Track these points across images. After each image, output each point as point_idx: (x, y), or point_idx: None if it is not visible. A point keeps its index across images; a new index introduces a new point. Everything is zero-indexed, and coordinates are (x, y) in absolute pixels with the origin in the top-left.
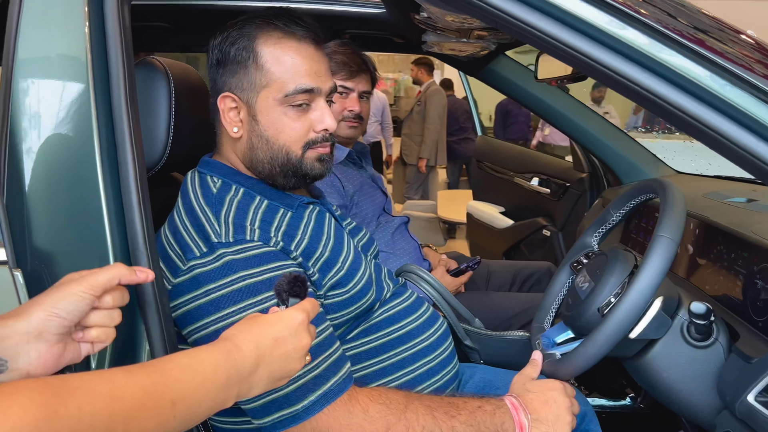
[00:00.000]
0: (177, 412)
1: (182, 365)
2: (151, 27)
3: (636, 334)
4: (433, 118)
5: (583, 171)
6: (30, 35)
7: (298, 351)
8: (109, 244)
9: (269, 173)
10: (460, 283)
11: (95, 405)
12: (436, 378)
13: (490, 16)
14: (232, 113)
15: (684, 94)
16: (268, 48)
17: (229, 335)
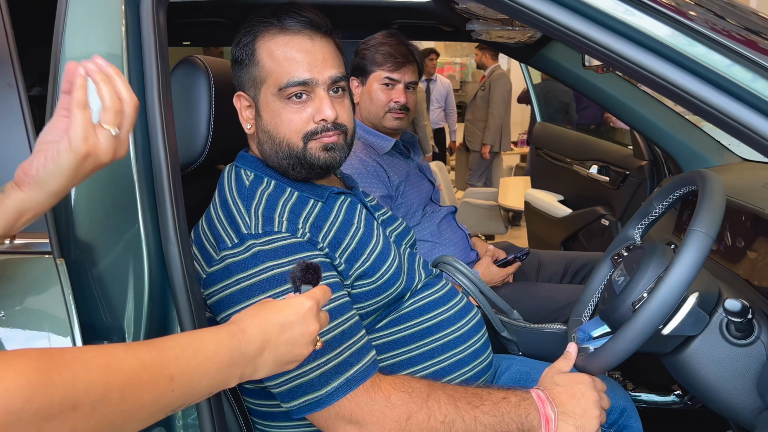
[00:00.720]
0: (175, 387)
1: (183, 344)
2: (207, 22)
3: (669, 330)
4: (498, 103)
5: (643, 158)
6: (74, 36)
7: (305, 336)
8: (143, 235)
9: (279, 166)
10: (507, 274)
11: (90, 374)
12: (466, 369)
13: (512, 11)
14: (247, 111)
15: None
16: (264, 44)
17: (237, 319)
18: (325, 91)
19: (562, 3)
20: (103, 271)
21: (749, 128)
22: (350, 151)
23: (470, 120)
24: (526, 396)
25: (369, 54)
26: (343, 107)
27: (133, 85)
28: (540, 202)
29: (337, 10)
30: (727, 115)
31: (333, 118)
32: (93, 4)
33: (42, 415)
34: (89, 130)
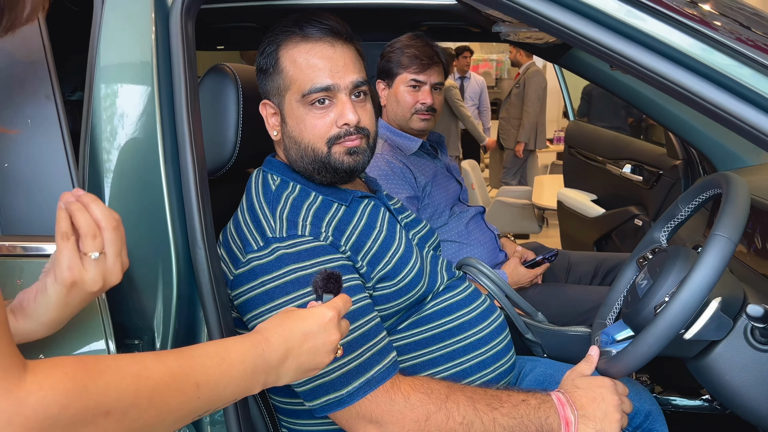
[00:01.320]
0: (201, 393)
1: (210, 352)
2: (240, 27)
3: (692, 335)
4: (532, 101)
5: (677, 158)
6: (107, 45)
7: (326, 345)
8: (171, 239)
9: (304, 170)
10: (535, 275)
11: (122, 382)
12: (488, 371)
13: (516, 14)
14: (272, 119)
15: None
16: (287, 52)
17: (262, 328)
18: (347, 96)
19: (580, 12)
20: (134, 274)
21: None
22: (373, 154)
23: (504, 118)
24: (546, 399)
25: (395, 56)
26: (365, 111)
27: (163, 93)
28: (573, 201)
29: (364, 13)
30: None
31: (356, 122)
32: (125, 16)
33: (77, 420)
34: (73, 259)
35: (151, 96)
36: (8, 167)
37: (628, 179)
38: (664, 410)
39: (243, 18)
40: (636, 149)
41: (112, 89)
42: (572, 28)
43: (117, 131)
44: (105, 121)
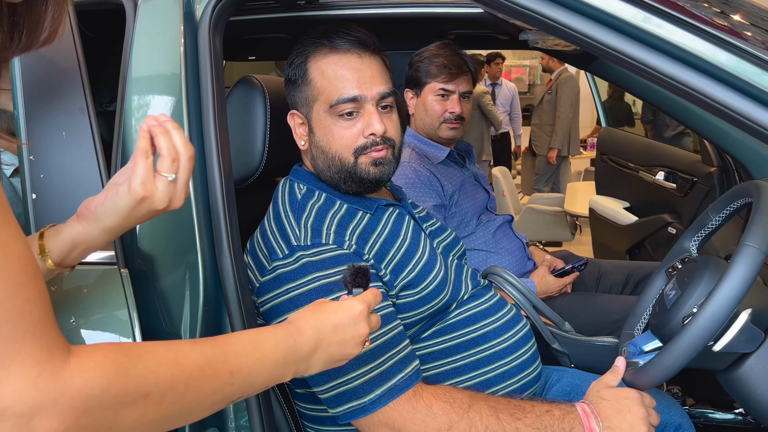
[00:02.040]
0: (234, 380)
1: (244, 341)
2: (270, 38)
3: (721, 347)
4: (565, 107)
5: (712, 165)
6: (139, 57)
7: (356, 338)
8: (199, 248)
9: (331, 180)
10: (563, 284)
11: (160, 367)
12: (513, 380)
13: (531, 21)
14: (300, 129)
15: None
16: (316, 64)
17: (294, 319)
18: (373, 106)
19: (600, 20)
20: (163, 281)
21: None
22: (398, 164)
23: (536, 124)
24: (570, 410)
25: (423, 66)
26: (392, 122)
27: (191, 103)
28: (605, 209)
29: (393, 22)
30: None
31: (382, 132)
32: (156, 29)
33: (119, 401)
34: (148, 176)
35: (179, 106)
36: (44, 178)
37: (662, 186)
38: (695, 423)
39: (273, 29)
40: (669, 156)
41: (144, 100)
42: (592, 36)
43: None
44: (136, 130)
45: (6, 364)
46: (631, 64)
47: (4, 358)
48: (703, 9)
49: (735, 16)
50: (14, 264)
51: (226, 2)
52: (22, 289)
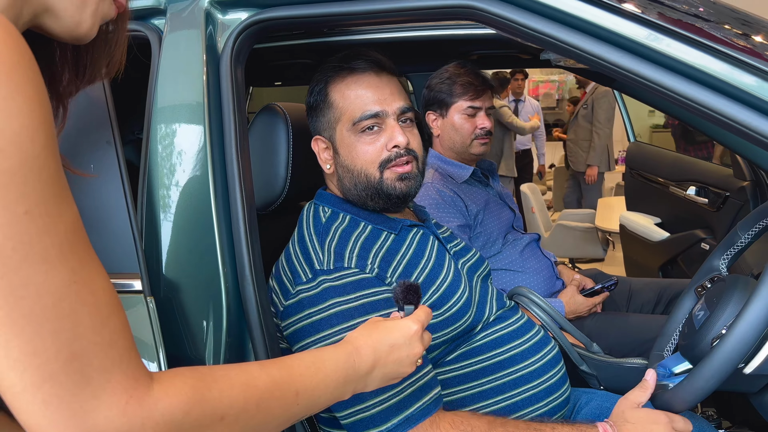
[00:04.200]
0: (300, 401)
1: (307, 362)
2: (296, 64)
3: (752, 370)
4: (603, 122)
5: (744, 179)
6: (164, 88)
7: (410, 357)
8: (221, 275)
9: (358, 198)
10: (593, 304)
11: (233, 390)
12: (540, 404)
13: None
14: (324, 153)
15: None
16: (336, 87)
17: (352, 338)
18: (395, 120)
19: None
20: (187, 308)
21: None
22: (423, 180)
23: (572, 140)
24: (591, 430)
25: (445, 87)
26: (414, 135)
27: (214, 132)
28: (636, 225)
29: (416, 45)
30: None
31: (405, 144)
32: (180, 61)
33: (198, 424)
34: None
35: (203, 135)
36: None
37: (693, 201)
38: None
39: (299, 55)
40: (700, 170)
41: (168, 129)
42: (606, 59)
43: (172, 169)
44: (161, 159)
45: (98, 393)
46: (648, 85)
47: (96, 388)
48: (722, 30)
49: (756, 36)
50: (101, 299)
51: (247, 35)
52: (108, 322)
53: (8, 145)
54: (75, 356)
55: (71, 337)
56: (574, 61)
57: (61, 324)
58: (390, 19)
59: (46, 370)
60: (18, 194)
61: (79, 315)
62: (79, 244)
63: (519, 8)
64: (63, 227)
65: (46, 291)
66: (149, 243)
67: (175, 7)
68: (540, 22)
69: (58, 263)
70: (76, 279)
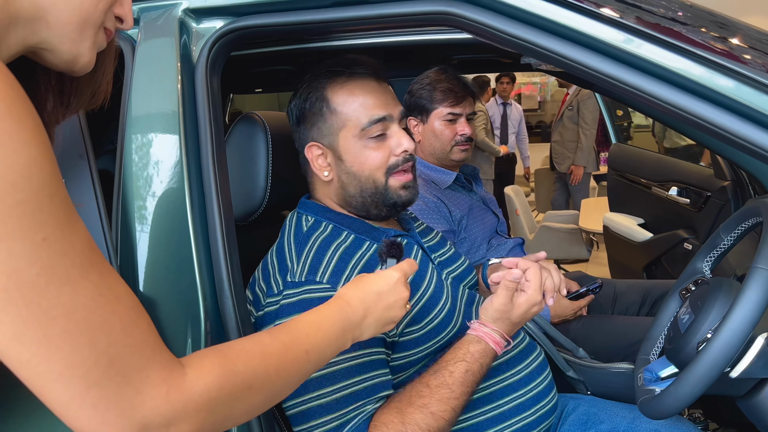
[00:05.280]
0: (311, 358)
1: (308, 322)
2: (277, 70)
3: (738, 373)
4: (590, 123)
5: (725, 179)
6: (138, 98)
7: (398, 302)
8: (199, 289)
9: (362, 205)
10: (578, 308)
11: (253, 361)
12: (528, 413)
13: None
14: (320, 160)
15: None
16: (337, 93)
17: (341, 293)
18: (398, 125)
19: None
20: (164, 324)
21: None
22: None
23: (558, 141)
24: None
25: (426, 93)
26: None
27: (189, 143)
28: (619, 226)
29: (398, 50)
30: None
31: (413, 149)
32: (153, 71)
33: (231, 397)
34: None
35: (178, 146)
36: None
37: (675, 202)
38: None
39: (280, 62)
40: (682, 171)
41: (142, 140)
42: (583, 62)
43: (147, 181)
44: (136, 171)
45: (140, 388)
46: (626, 90)
47: (137, 384)
48: (700, 33)
49: (733, 39)
50: (126, 304)
51: (222, 44)
52: (137, 324)
53: (20, 178)
54: (113, 360)
55: (106, 344)
56: (553, 66)
57: (95, 335)
58: (367, 26)
59: (90, 378)
60: (35, 223)
61: (110, 323)
62: (95, 258)
63: (497, 13)
64: (79, 246)
65: (75, 308)
66: (124, 257)
67: (149, 16)
68: (518, 27)
69: (82, 280)
70: (100, 291)
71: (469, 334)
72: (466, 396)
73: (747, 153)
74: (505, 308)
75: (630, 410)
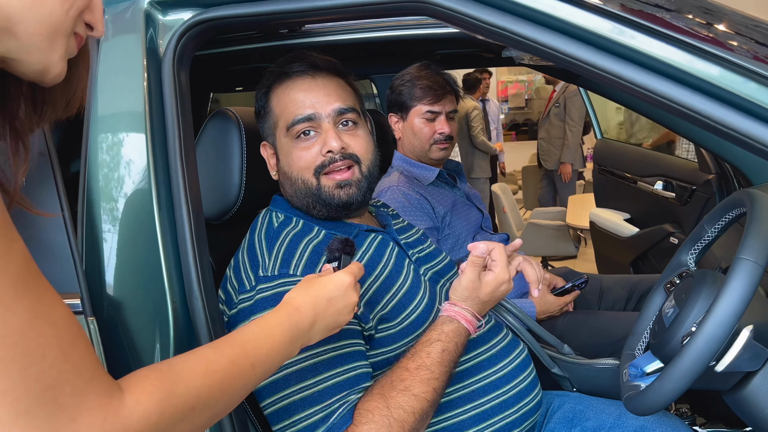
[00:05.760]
0: (257, 371)
1: (256, 334)
2: (256, 68)
3: (724, 367)
4: (577, 120)
5: (709, 172)
6: (103, 95)
7: (347, 307)
8: (168, 290)
9: (303, 205)
10: (564, 303)
11: (196, 381)
12: (511, 411)
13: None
14: (272, 159)
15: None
16: (275, 91)
17: (290, 299)
18: (330, 124)
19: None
20: (132, 327)
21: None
22: (371, 183)
23: (544, 138)
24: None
25: (406, 89)
26: (356, 138)
27: (156, 141)
28: (605, 221)
29: (378, 46)
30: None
31: (339, 149)
32: (118, 67)
33: (173, 421)
34: None
35: (144, 144)
36: None
37: (661, 196)
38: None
39: (257, 59)
40: (666, 165)
41: (108, 139)
42: (565, 52)
43: (113, 181)
44: (101, 171)
45: (75, 417)
46: (610, 79)
47: (72, 412)
48: (685, 20)
49: (719, 25)
50: (62, 327)
51: (190, 36)
52: (74, 347)
53: None
54: (47, 387)
55: (39, 370)
56: (535, 56)
57: (27, 360)
58: (338, 16)
59: (20, 407)
60: None
61: (44, 348)
62: (32, 278)
63: (473, 1)
64: (14, 266)
65: (7, 333)
66: (90, 260)
67: (113, 9)
68: (496, 16)
69: (14, 303)
70: (35, 314)
71: (441, 315)
72: (445, 376)
73: (732, 142)
74: (473, 285)
75: (617, 406)
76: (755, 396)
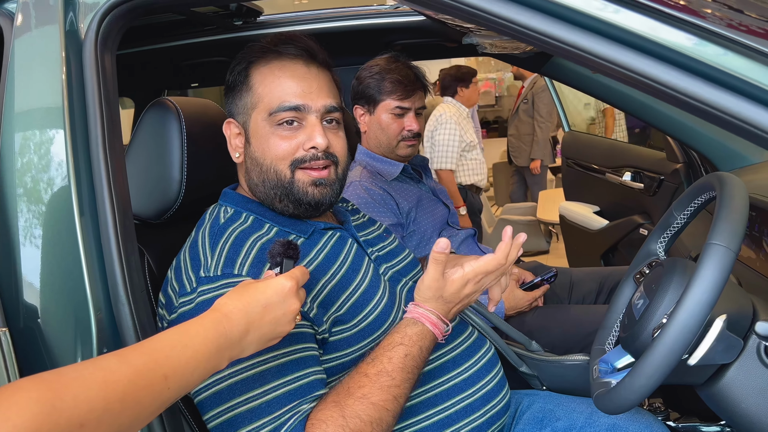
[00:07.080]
0: (170, 384)
1: (173, 342)
2: (211, 62)
3: (697, 360)
4: (545, 116)
5: (677, 161)
6: (17, 89)
7: (287, 315)
8: (90, 299)
9: (265, 197)
10: (533, 298)
11: (90, 392)
12: (477, 415)
13: (467, 15)
14: (236, 140)
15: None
16: (259, 69)
17: (220, 305)
18: (317, 119)
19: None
20: (50, 338)
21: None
22: (342, 187)
23: (514, 135)
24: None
25: (374, 82)
26: (338, 138)
27: (77, 135)
28: (575, 214)
29: (337, 37)
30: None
31: (324, 147)
32: (34, 54)
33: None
34: None
35: (63, 138)
36: None
37: (629, 187)
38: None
39: (212, 53)
40: (634, 155)
41: (22, 133)
42: (536, 29)
43: (28, 181)
44: (14, 169)
45: None
46: (584, 57)
47: None
48: None
49: None
50: None
51: (114, 16)
52: None
53: None
54: None
55: None
56: (499, 45)
57: None
58: None
59: None
60: None
61: None
62: None
63: None
64: None
65: None
66: (4, 269)
67: None
68: None
69: None
70: None
71: (405, 317)
72: (408, 383)
73: (700, 116)
74: (436, 284)
75: (588, 404)
76: (730, 389)
